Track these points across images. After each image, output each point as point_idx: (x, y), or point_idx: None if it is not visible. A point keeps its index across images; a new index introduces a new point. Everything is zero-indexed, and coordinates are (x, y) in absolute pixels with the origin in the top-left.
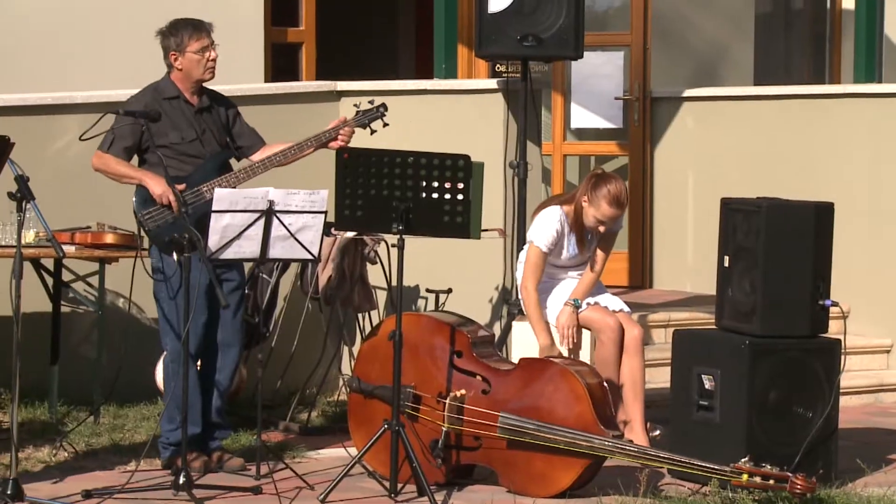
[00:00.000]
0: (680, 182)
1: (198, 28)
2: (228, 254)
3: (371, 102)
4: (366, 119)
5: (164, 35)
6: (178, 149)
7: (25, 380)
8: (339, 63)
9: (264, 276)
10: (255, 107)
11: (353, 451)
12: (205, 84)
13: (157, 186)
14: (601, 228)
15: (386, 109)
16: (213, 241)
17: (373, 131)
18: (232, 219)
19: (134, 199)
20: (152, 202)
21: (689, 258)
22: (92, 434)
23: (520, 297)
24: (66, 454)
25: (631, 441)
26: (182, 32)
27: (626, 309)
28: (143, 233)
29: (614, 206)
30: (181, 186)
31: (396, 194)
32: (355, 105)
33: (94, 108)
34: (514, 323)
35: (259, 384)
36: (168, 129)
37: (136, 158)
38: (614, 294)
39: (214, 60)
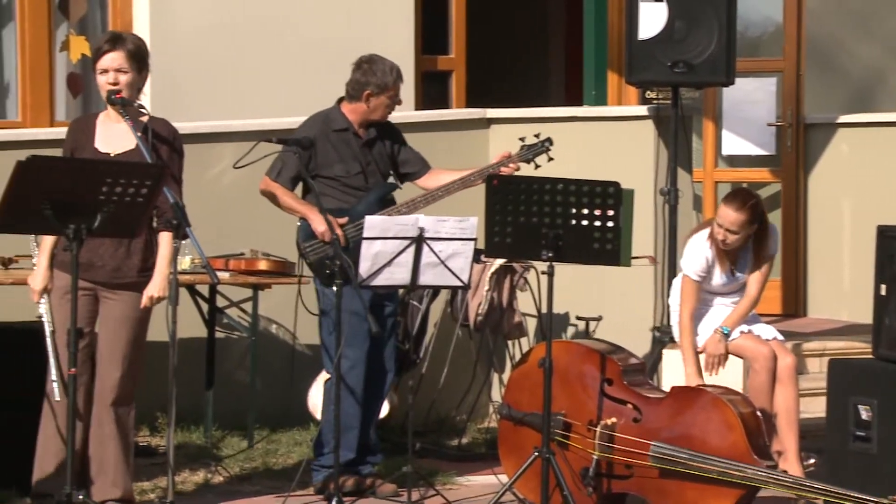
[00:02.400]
0: (834, 209)
1: (399, 77)
2: (379, 280)
3: (536, 136)
4: (531, 154)
5: (363, 70)
6: (342, 181)
7: (181, 404)
8: (488, 90)
9: (415, 302)
10: (405, 135)
11: (504, 478)
12: None
13: (320, 224)
14: (729, 239)
15: (551, 144)
16: (365, 267)
17: (537, 166)
18: (383, 246)
19: (298, 230)
20: (315, 236)
21: (845, 286)
22: (246, 458)
23: (671, 323)
24: (220, 478)
25: (785, 472)
26: (388, 76)
27: (780, 337)
28: (305, 264)
29: (729, 206)
30: (343, 220)
31: (546, 221)
32: (521, 139)
33: (249, 136)
34: (664, 351)
35: (410, 410)
36: (334, 161)
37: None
38: (767, 322)
39: (394, 108)
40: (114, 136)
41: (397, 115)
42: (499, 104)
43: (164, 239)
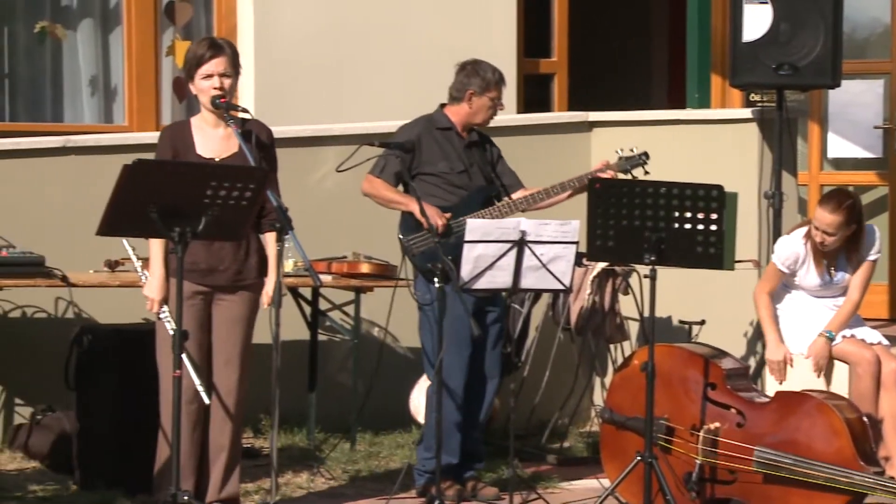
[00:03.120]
0: None
1: (502, 80)
2: (481, 284)
3: (633, 150)
4: (628, 165)
5: (467, 72)
6: (445, 178)
7: (284, 407)
8: (591, 93)
9: (516, 306)
10: (507, 138)
11: (606, 482)
12: None
13: (429, 208)
14: (826, 241)
15: (648, 158)
16: (466, 270)
17: (633, 178)
18: (485, 249)
19: (399, 225)
20: (417, 229)
21: None
22: (348, 461)
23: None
24: (323, 480)
25: (892, 478)
26: (490, 78)
27: (885, 342)
28: (406, 260)
29: (825, 208)
30: (447, 215)
31: (648, 225)
32: (618, 151)
33: (352, 139)
34: None
35: (511, 414)
36: (438, 158)
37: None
38: (873, 327)
39: (496, 112)
40: (213, 141)
41: (499, 119)
42: (601, 107)
43: (271, 240)
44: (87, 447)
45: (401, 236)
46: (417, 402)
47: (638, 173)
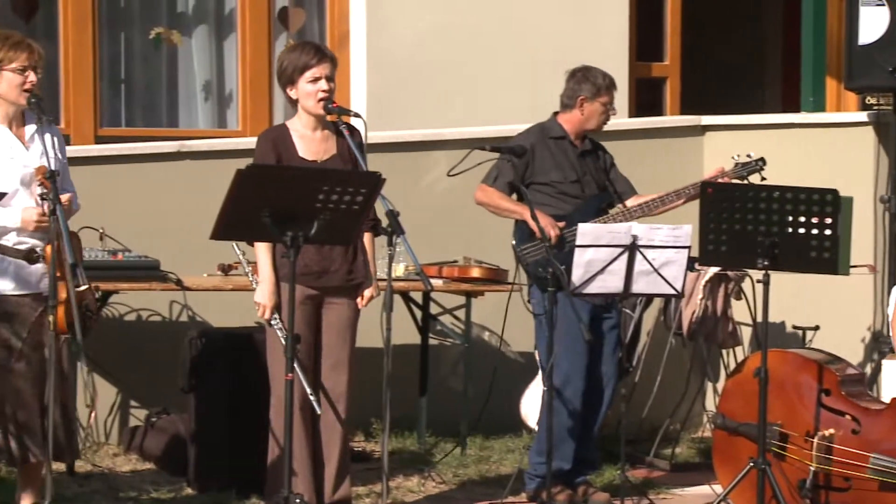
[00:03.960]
0: None
1: (613, 85)
2: (592, 288)
3: (749, 156)
4: (744, 171)
5: (577, 78)
6: (559, 187)
7: (395, 410)
8: (703, 97)
9: (627, 310)
10: (619, 142)
11: (718, 488)
12: None
13: (543, 218)
14: None
15: (765, 164)
16: (577, 275)
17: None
18: (595, 253)
19: (514, 234)
20: (531, 238)
21: None
22: (459, 465)
23: (890, 333)
24: (434, 484)
25: None
26: (601, 83)
27: None
28: (520, 269)
29: None
30: (561, 224)
31: (761, 229)
32: (734, 157)
33: (463, 144)
34: (884, 362)
35: (623, 419)
36: (551, 167)
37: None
38: None
39: (609, 117)
40: (313, 144)
41: (611, 123)
42: (714, 111)
43: (368, 240)
44: (200, 449)
45: (515, 245)
46: (529, 406)
47: (754, 179)
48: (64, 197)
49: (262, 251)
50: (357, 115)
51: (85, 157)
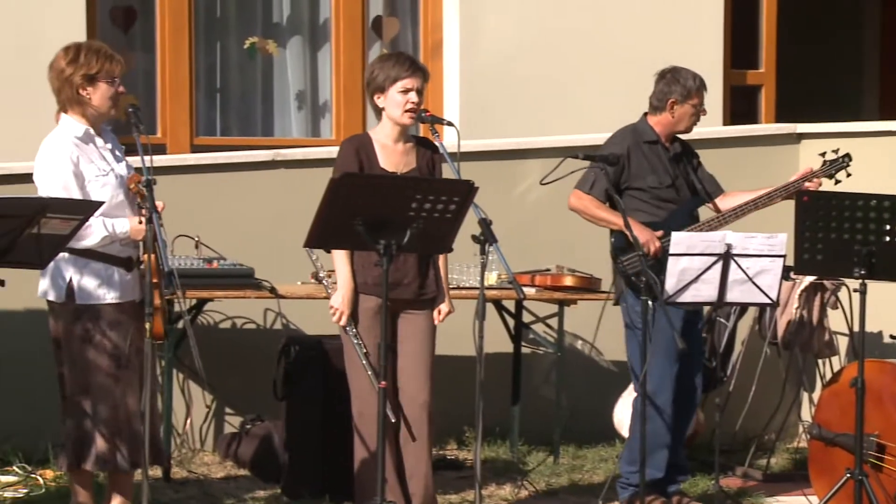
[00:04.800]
0: None
1: (703, 86)
2: (686, 297)
3: (835, 152)
4: (832, 169)
5: (667, 80)
6: (654, 193)
7: (488, 419)
8: (799, 105)
9: (721, 319)
10: (713, 150)
11: (814, 499)
12: None
13: (642, 233)
14: None
15: (850, 160)
16: (671, 284)
17: (837, 181)
18: (689, 262)
19: (611, 244)
20: (630, 249)
21: None
22: (552, 473)
23: None
24: (526, 493)
25: None
26: (691, 85)
27: None
28: (617, 278)
29: None
30: (659, 233)
31: (858, 238)
32: (820, 154)
33: (556, 152)
34: None
35: (717, 429)
36: (646, 172)
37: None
38: None
39: (699, 118)
40: (395, 156)
41: (705, 130)
42: (810, 119)
43: (441, 256)
44: (294, 456)
45: (613, 256)
46: (621, 415)
47: (841, 176)
48: (159, 203)
49: (341, 258)
50: (450, 124)
51: (180, 166)
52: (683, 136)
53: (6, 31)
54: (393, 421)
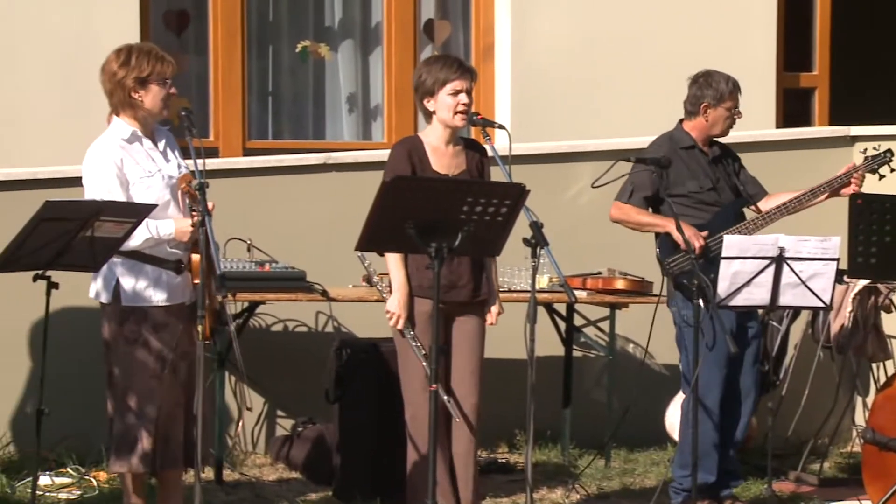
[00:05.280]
0: None
1: (737, 88)
2: (738, 300)
3: (876, 148)
4: (874, 164)
5: (699, 84)
6: (696, 197)
7: (539, 422)
8: (853, 107)
9: (774, 323)
10: (765, 153)
11: (868, 503)
12: None
13: (687, 229)
14: None
15: (893, 155)
16: (723, 287)
17: (881, 176)
18: (742, 265)
19: (657, 247)
20: (675, 250)
21: None
22: (603, 477)
23: None
24: (578, 496)
25: None
26: (724, 89)
27: None
28: (666, 280)
29: None
30: (703, 233)
31: None
32: (862, 151)
33: (606, 155)
34: None
35: (769, 433)
36: (686, 178)
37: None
38: None
39: (735, 122)
40: (446, 158)
41: (758, 134)
42: (864, 122)
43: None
44: (345, 459)
45: (660, 257)
46: (673, 419)
47: (885, 171)
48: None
49: (395, 262)
50: (501, 127)
51: (233, 170)
52: (726, 140)
53: (60, 34)
54: (458, 421)
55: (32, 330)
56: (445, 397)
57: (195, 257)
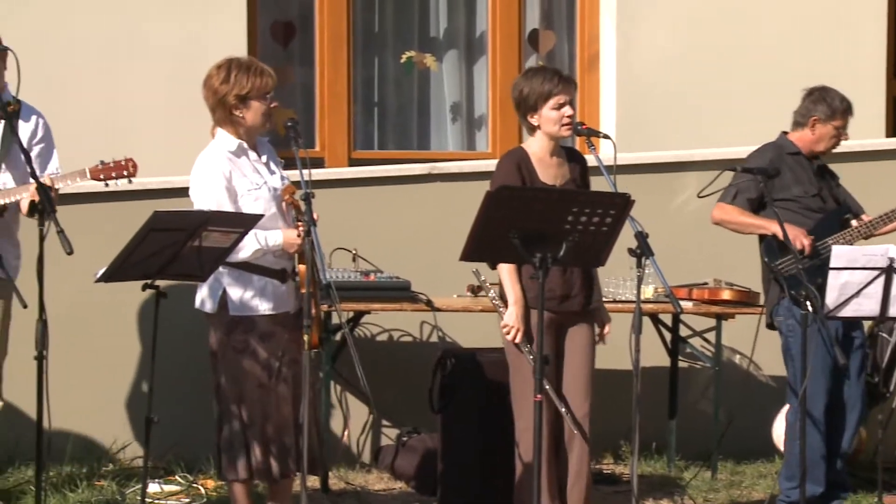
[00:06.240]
0: None
1: (849, 110)
2: (847, 311)
3: None
4: None
5: (813, 98)
6: (801, 202)
7: (645, 433)
8: None
9: (884, 335)
10: (874, 162)
11: None
12: None
13: (792, 229)
14: None
15: None
16: (832, 298)
17: None
18: (850, 276)
19: (762, 250)
20: (781, 252)
21: None
22: (710, 489)
23: None
24: None
25: None
26: (837, 106)
27: None
28: (771, 286)
29: None
30: (810, 238)
31: None
32: None
33: (713, 165)
34: None
35: (879, 445)
36: (791, 183)
37: None
38: None
39: (839, 143)
40: (551, 169)
41: (867, 143)
42: None
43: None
44: (450, 469)
45: (767, 261)
46: (780, 430)
47: None
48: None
49: (509, 273)
50: (606, 137)
51: (338, 180)
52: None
53: (169, 45)
54: (576, 432)
55: (140, 339)
56: (563, 409)
57: (301, 266)
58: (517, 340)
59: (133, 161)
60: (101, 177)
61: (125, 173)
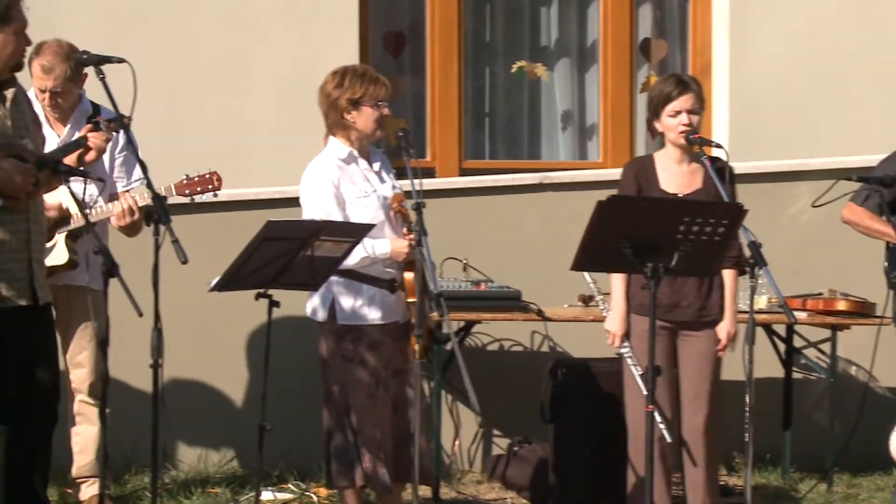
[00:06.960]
0: None
1: None
2: None
3: None
4: None
5: None
6: None
7: (759, 445)
8: None
9: None
10: None
11: None
12: None
13: None
14: None
15: None
16: None
17: None
18: None
19: (886, 259)
20: None
21: None
22: (825, 502)
23: None
24: None
25: None
26: None
27: None
28: (890, 296)
29: None
30: None
31: None
32: None
33: (828, 174)
34: None
35: None
36: None
37: None
38: None
39: None
40: (678, 177)
41: None
42: None
43: (728, 276)
44: (562, 479)
45: (888, 270)
46: None
47: None
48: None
49: (617, 280)
50: (718, 146)
51: (449, 189)
52: None
53: (282, 57)
54: (669, 441)
55: (252, 346)
56: (658, 419)
57: (408, 276)
58: (615, 345)
59: (217, 174)
60: (187, 192)
61: (210, 187)
